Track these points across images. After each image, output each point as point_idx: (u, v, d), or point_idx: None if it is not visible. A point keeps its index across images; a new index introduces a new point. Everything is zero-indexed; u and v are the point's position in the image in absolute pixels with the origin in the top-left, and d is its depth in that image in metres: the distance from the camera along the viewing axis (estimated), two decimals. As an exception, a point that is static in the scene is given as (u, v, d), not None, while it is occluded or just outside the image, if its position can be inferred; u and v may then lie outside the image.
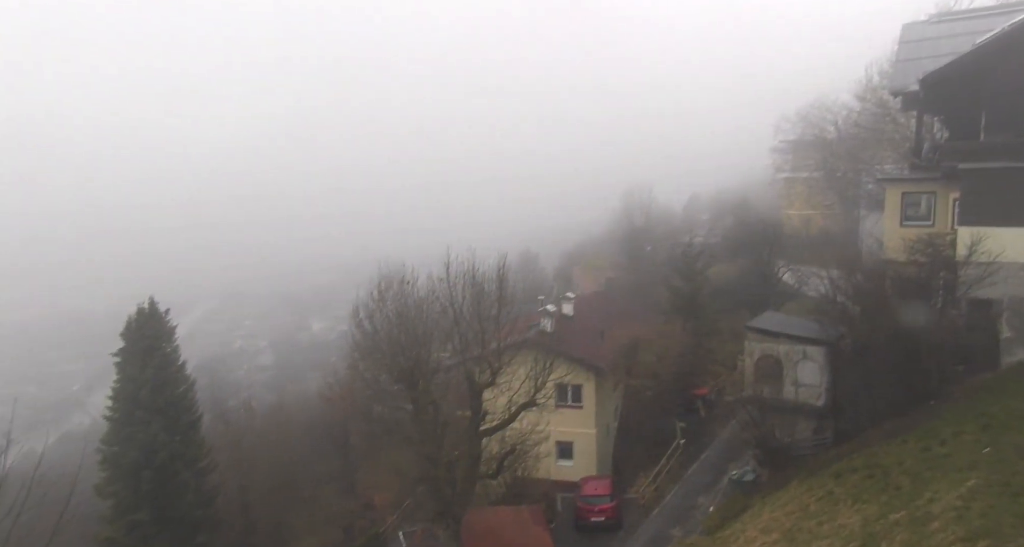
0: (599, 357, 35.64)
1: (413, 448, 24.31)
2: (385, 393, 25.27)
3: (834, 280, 26.93)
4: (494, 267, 25.62)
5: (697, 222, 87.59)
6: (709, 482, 30.86)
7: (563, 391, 33.72)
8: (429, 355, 24.38)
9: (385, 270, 24.45)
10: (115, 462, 30.40)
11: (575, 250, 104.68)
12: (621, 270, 71.73)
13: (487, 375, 24.73)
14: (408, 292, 24.52)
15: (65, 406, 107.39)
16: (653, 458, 33.59)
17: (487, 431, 25.73)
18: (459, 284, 24.52)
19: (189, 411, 33.16)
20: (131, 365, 31.61)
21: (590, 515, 29.70)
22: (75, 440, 44.75)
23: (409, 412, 24.51)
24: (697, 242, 57.01)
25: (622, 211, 77.35)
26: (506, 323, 25.74)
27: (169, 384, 32.27)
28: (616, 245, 78.07)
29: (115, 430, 31.10)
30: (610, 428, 37.73)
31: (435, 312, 24.68)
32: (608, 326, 39.70)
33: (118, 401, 31.57)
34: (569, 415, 34.31)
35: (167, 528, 29.77)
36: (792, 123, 64.69)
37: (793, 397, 27.35)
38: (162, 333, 32.99)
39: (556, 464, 34.50)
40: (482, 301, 24.89)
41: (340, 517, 34.71)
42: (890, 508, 15.26)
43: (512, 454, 27.74)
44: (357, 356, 26.07)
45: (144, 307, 32.77)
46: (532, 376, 25.76)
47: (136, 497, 29.75)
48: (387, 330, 24.18)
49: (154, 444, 30.40)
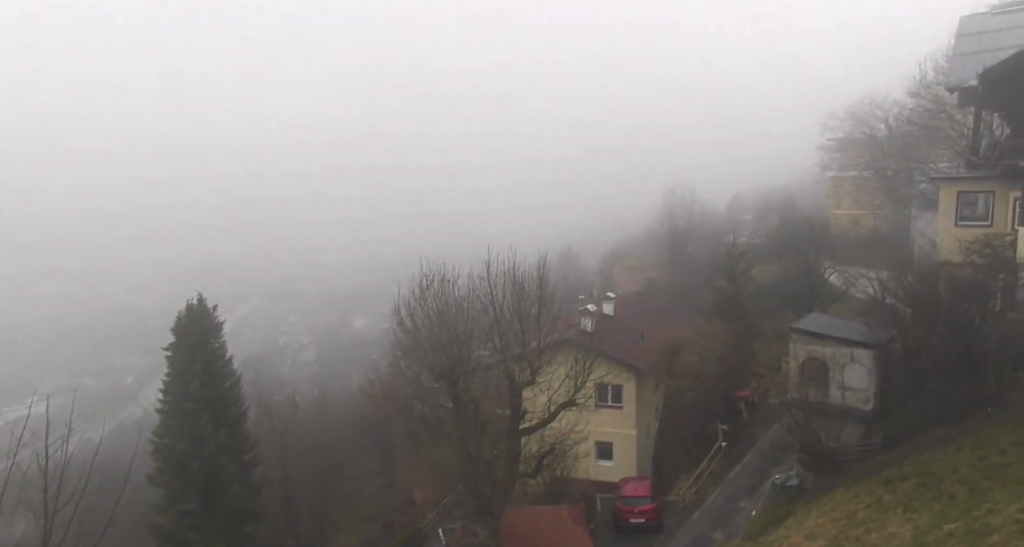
0: (640, 357, 35.34)
1: (453, 446, 24.42)
2: (426, 391, 25.46)
3: (884, 282, 26.24)
4: (535, 266, 25.63)
5: (740, 222, 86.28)
6: (752, 485, 30.36)
7: (603, 391, 33.53)
8: (469, 353, 24.45)
9: (427, 268, 24.61)
10: (166, 453, 31.26)
11: (616, 250, 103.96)
12: (662, 270, 70.99)
13: (527, 374, 24.75)
14: (449, 291, 24.62)
15: (120, 398, 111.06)
16: (694, 460, 33.19)
17: (526, 430, 25.76)
18: (500, 283, 24.58)
19: (236, 405, 33.89)
20: (181, 359, 32.44)
21: (630, 516, 29.47)
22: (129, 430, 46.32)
23: (449, 410, 24.66)
24: (740, 242, 56.14)
25: (664, 210, 76.52)
26: (546, 322, 25.71)
27: (217, 378, 33.02)
28: (657, 245, 77.27)
29: (166, 422, 31.99)
30: (650, 429, 37.39)
31: (476, 311, 24.75)
32: (649, 326, 39.33)
33: (168, 394, 32.46)
34: (609, 415, 34.11)
35: (214, 518, 30.52)
36: (840, 121, 63.25)
37: (840, 401, 26.73)
38: (210, 329, 33.76)
39: (596, 464, 34.32)
40: (523, 300, 24.90)
41: (381, 512, 35.18)
42: (944, 518, 14.79)
43: (551, 453, 27.70)
44: (398, 354, 26.29)
45: (193, 303, 33.59)
46: (572, 376, 25.71)
47: (186, 487, 30.57)
48: (428, 328, 24.34)
49: (202, 436, 31.18)
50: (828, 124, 64.97)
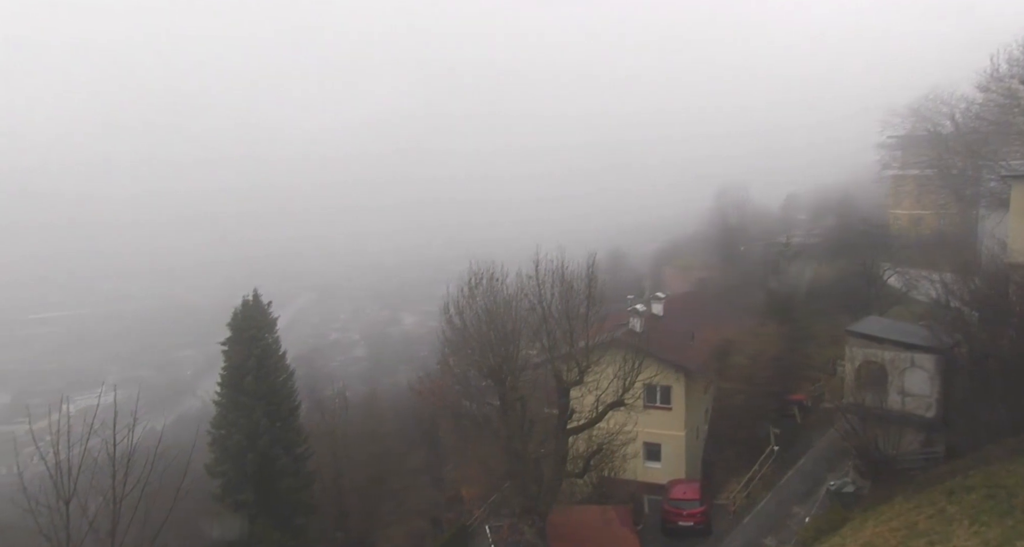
0: (689, 358, 34.85)
1: (500, 444, 24.54)
2: (474, 388, 25.62)
3: (948, 284, 25.28)
4: (583, 265, 25.58)
5: (794, 222, 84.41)
6: (805, 491, 29.64)
7: (652, 392, 33.18)
8: (517, 352, 24.54)
9: (475, 267, 24.76)
10: (222, 444, 32.16)
11: (666, 249, 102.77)
12: (713, 270, 69.90)
13: (575, 373, 24.69)
14: (498, 289, 24.74)
15: (179, 390, 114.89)
16: (745, 464, 32.57)
17: (574, 429, 25.69)
18: (548, 282, 24.62)
19: (288, 399, 34.61)
20: (236, 354, 33.28)
21: (678, 519, 29.10)
22: (188, 422, 47.79)
23: (497, 408, 24.77)
24: (794, 242, 54.80)
25: (715, 210, 75.40)
26: (594, 322, 25.58)
27: (270, 373, 33.78)
28: (708, 245, 76.17)
29: (222, 414, 32.89)
30: (700, 431, 36.84)
31: (524, 309, 24.83)
32: (699, 327, 38.74)
33: (225, 387, 33.35)
34: (657, 416, 33.73)
35: (268, 509, 31.29)
36: (902, 117, 61.12)
37: (899, 407, 25.83)
38: (264, 324, 34.54)
39: (644, 465, 34.00)
40: (571, 299, 24.88)
41: (428, 508, 35.53)
42: (1017, 533, 14.16)
43: (599, 453, 27.57)
44: (447, 351, 26.51)
45: (248, 300, 34.39)
46: (620, 376, 25.54)
47: (241, 478, 31.39)
48: (476, 326, 24.50)
49: (257, 429, 31.96)
50: (889, 121, 62.85)
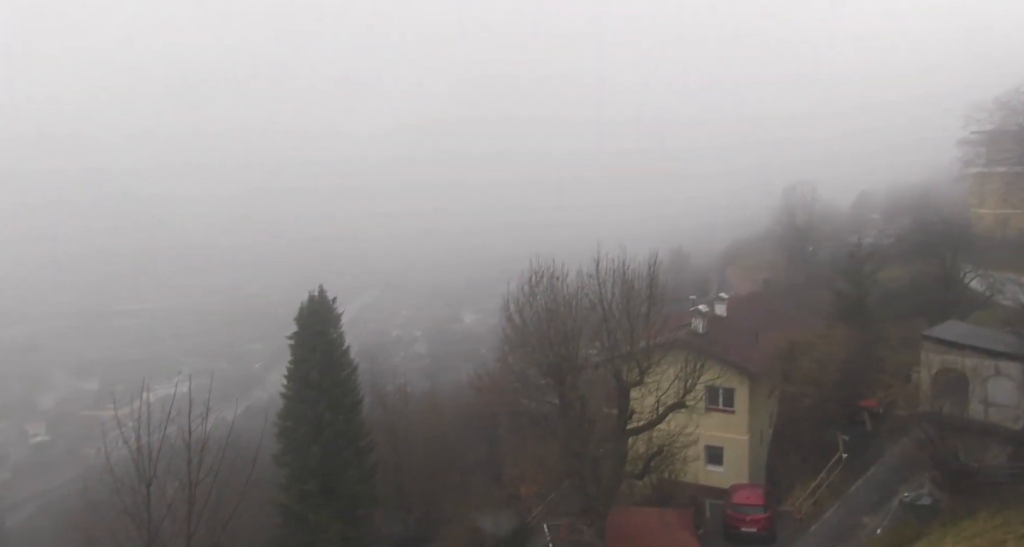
0: (753, 360, 34.01)
1: (559, 443, 24.52)
2: (533, 387, 25.65)
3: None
4: (645, 265, 25.31)
5: (867, 221, 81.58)
6: (876, 501, 28.52)
7: (714, 394, 32.57)
8: (577, 351, 24.48)
9: (536, 265, 24.80)
10: (288, 436, 33.22)
11: (730, 249, 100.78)
12: (779, 271, 68.08)
13: (635, 374, 24.49)
14: (558, 288, 24.72)
15: (249, 382, 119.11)
16: (812, 470, 31.56)
17: (634, 430, 25.46)
18: (609, 281, 24.46)
19: (352, 393, 35.47)
20: (302, 348, 34.31)
21: (740, 524, 28.45)
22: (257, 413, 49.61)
23: (556, 407, 24.77)
24: (866, 242, 52.75)
25: (782, 209, 73.26)
26: (656, 322, 25.27)
27: (335, 367, 34.69)
28: (774, 245, 74.23)
29: (289, 407, 33.97)
30: (764, 435, 35.92)
31: (584, 308, 24.73)
32: (764, 329, 37.73)
33: (291, 380, 34.43)
34: (720, 419, 33.06)
35: (332, 500, 32.15)
36: (988, 112, 57.92)
37: (982, 417, 24.62)
38: (330, 319, 35.48)
39: (705, 469, 33.38)
40: (632, 299, 24.67)
41: (487, 505, 35.74)
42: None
43: (659, 455, 27.22)
44: (507, 349, 26.63)
45: (315, 295, 35.40)
46: (682, 377, 25.21)
47: (306, 469, 32.35)
48: (536, 325, 24.53)
49: (321, 422, 32.89)
50: (973, 116, 59.68)
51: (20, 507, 79.91)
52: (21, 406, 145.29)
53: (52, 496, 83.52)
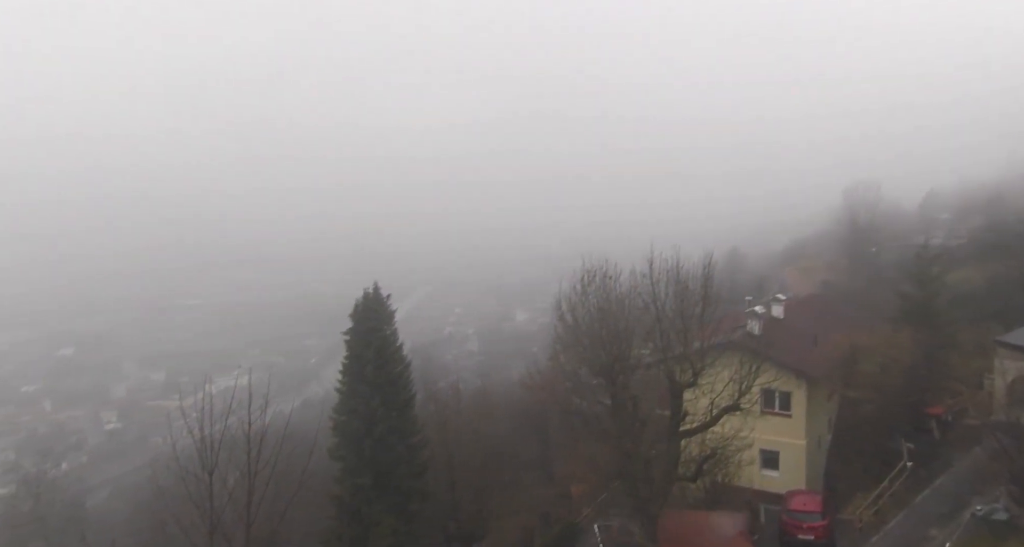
0: (811, 364, 33.09)
1: (610, 443, 24.38)
2: (584, 386, 25.58)
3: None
4: (699, 265, 25.01)
5: (935, 221, 78.44)
6: (945, 514, 27.34)
7: (770, 397, 31.81)
8: (629, 351, 24.32)
9: (588, 264, 24.72)
10: (343, 430, 33.85)
11: (788, 250, 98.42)
12: (839, 272, 66.08)
13: (688, 375, 24.19)
14: (610, 287, 24.60)
15: (305, 376, 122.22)
16: (873, 479, 30.53)
17: (687, 432, 25.13)
18: (662, 281, 24.25)
19: (405, 389, 35.89)
20: (357, 344, 34.88)
21: (797, 532, 27.71)
22: (313, 406, 50.88)
23: (608, 407, 24.64)
24: (934, 243, 50.73)
25: (844, 209, 71.13)
26: (710, 323, 24.95)
27: (388, 363, 35.17)
28: (835, 245, 72.20)
29: (343, 401, 34.61)
30: (822, 441, 34.91)
31: (637, 308, 24.57)
32: (823, 332, 36.67)
33: (346, 375, 35.05)
34: (776, 423, 32.28)
35: (385, 494, 32.63)
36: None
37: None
38: (384, 316, 35.98)
39: (760, 473, 32.65)
40: (686, 299, 24.41)
41: (538, 503, 35.82)
42: None
43: (712, 458, 26.75)
44: (558, 348, 26.61)
45: (369, 292, 35.96)
46: (736, 379, 24.77)
47: (360, 463, 32.91)
48: (588, 324, 24.47)
49: (375, 417, 33.40)
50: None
51: (97, 490, 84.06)
52: (96, 394, 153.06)
53: (124, 481, 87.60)
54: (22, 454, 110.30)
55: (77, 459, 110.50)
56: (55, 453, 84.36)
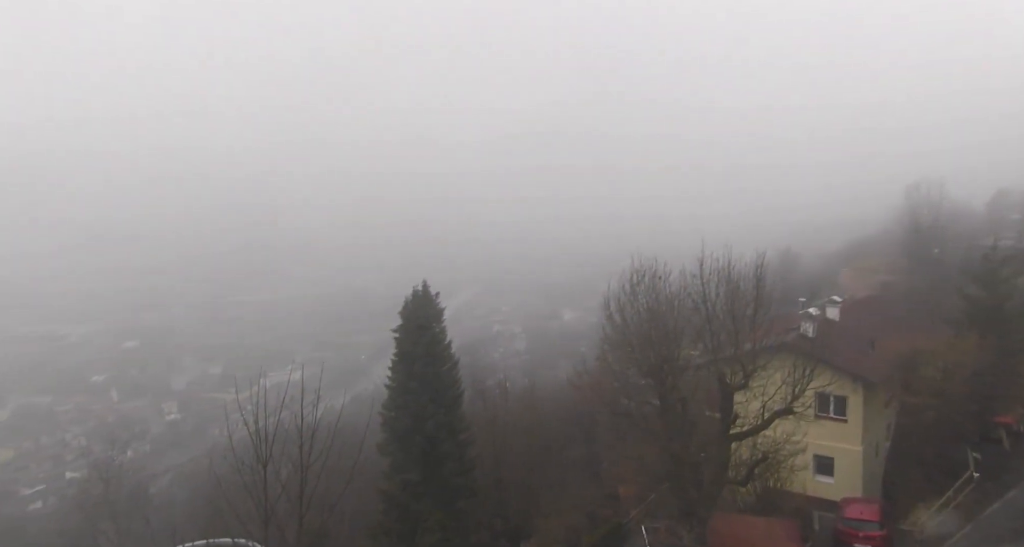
0: (868, 368, 32.08)
1: (659, 444, 24.12)
2: (633, 387, 25.37)
3: None
4: (751, 265, 24.53)
5: (1005, 222, 75.01)
6: (1017, 529, 26.06)
7: (824, 401, 30.95)
8: (679, 352, 24.04)
9: (637, 263, 24.51)
10: (392, 426, 34.35)
11: (844, 250, 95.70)
12: (899, 274, 63.83)
13: (739, 377, 23.78)
14: (660, 287, 24.35)
15: (355, 372, 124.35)
16: (935, 489, 29.38)
17: (737, 435, 24.68)
18: (713, 281, 23.89)
19: (453, 387, 36.22)
20: (406, 341, 35.34)
21: (853, 540, 26.89)
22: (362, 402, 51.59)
23: (656, 408, 24.40)
24: (1004, 244, 48.51)
25: (905, 208, 68.69)
26: (762, 324, 24.46)
27: (437, 360, 35.53)
28: (895, 246, 69.82)
29: (393, 397, 35.10)
30: (880, 448, 33.80)
31: (687, 309, 24.27)
32: (881, 335, 35.50)
33: (395, 372, 35.55)
34: (830, 428, 31.40)
35: (433, 490, 32.99)
36: None
37: None
38: (432, 314, 36.35)
39: (813, 479, 31.82)
40: (737, 300, 24.00)
41: (584, 503, 35.65)
42: None
43: (764, 462, 26.20)
44: (606, 348, 26.45)
45: (419, 290, 36.38)
46: (789, 382, 24.20)
47: (408, 459, 33.37)
48: (637, 324, 24.26)
49: (423, 413, 33.79)
50: None
51: (159, 477, 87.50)
52: (158, 386, 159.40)
53: (183, 469, 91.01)
54: (92, 440, 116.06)
55: (141, 447, 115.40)
56: (121, 441, 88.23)
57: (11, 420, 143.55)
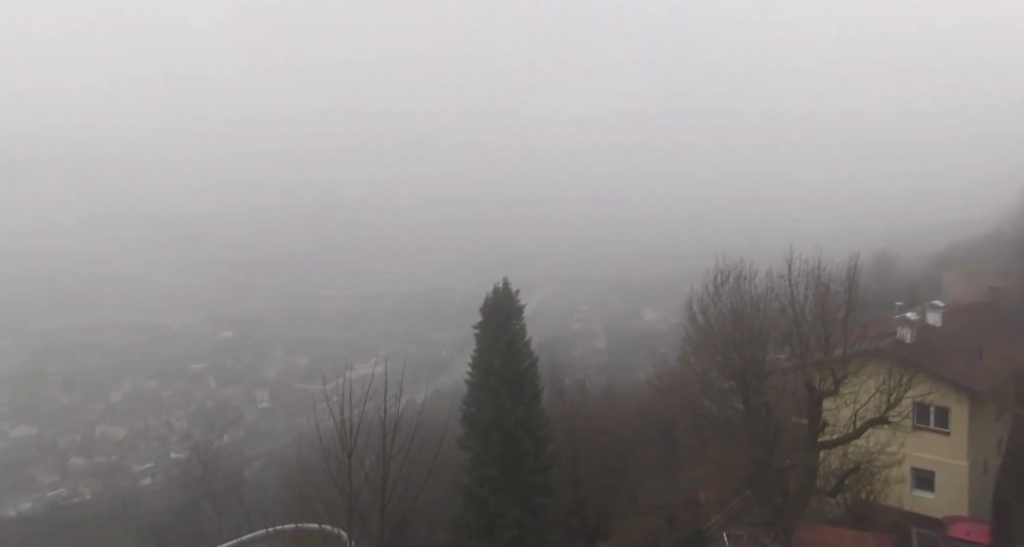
0: (975, 378, 30.02)
1: (742, 449, 23.51)
2: (715, 389, 24.88)
3: None
4: (843, 267, 23.59)
5: None
6: None
7: (924, 412, 29.23)
8: (764, 355, 23.42)
9: (722, 264, 23.98)
10: (471, 421, 34.73)
11: (946, 253, 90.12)
12: (1012, 278, 59.36)
13: (829, 383, 22.90)
14: (745, 288, 23.79)
15: (435, 367, 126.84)
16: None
17: (826, 443, 23.77)
18: (802, 283, 23.16)
19: (532, 384, 36.26)
20: (487, 337, 35.63)
21: (959, 563, 25.31)
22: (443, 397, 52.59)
23: (740, 412, 23.83)
24: None
25: (1019, 208, 63.97)
26: (854, 329, 23.43)
27: (516, 358, 35.67)
28: (1006, 249, 65.12)
29: (472, 393, 35.49)
30: (989, 464, 31.62)
31: (773, 311, 23.65)
32: (990, 343, 33.17)
33: (475, 368, 35.91)
34: (931, 440, 29.60)
35: (511, 486, 33.20)
36: None
37: None
38: (512, 311, 36.50)
39: (911, 494, 30.07)
40: (827, 303, 23.19)
41: (663, 506, 35.07)
42: None
43: (855, 473, 25.04)
44: (688, 349, 26.03)
45: (499, 287, 36.62)
46: (884, 390, 23.10)
47: (487, 454, 33.67)
48: (721, 326, 23.80)
49: (502, 410, 34.00)
50: None
51: (251, 462, 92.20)
52: (251, 374, 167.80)
53: (273, 456, 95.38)
54: (192, 424, 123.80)
55: (236, 433, 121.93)
56: (219, 426, 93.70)
57: (123, 402, 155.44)
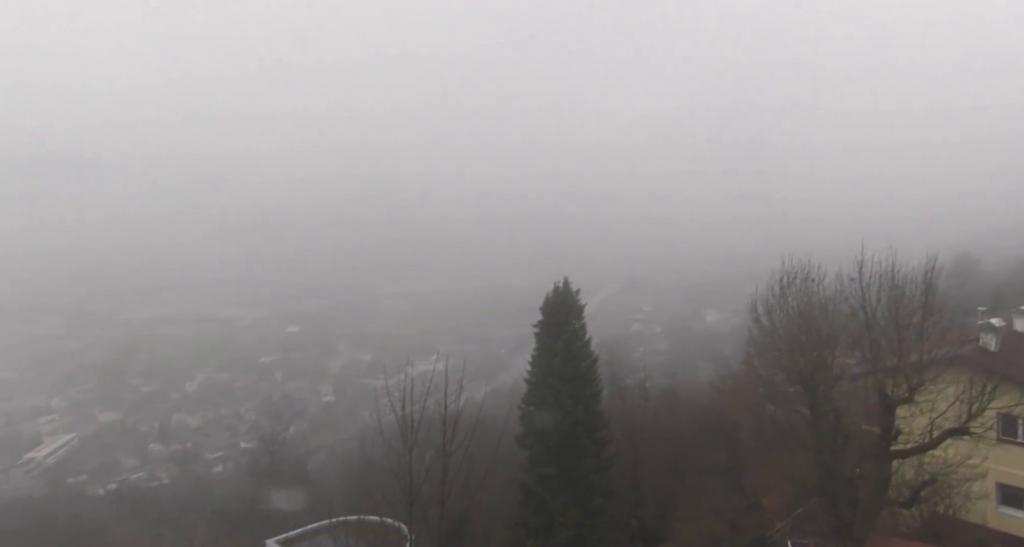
0: (1067, 388, 28.23)
1: (808, 456, 22.79)
2: (780, 393, 24.20)
3: None
4: (919, 269, 22.50)
5: None
6: None
7: (1011, 424, 27.63)
8: (833, 359, 22.61)
9: (788, 265, 23.30)
10: (530, 420, 34.78)
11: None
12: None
13: (903, 389, 21.91)
14: (813, 290, 23.04)
15: (495, 365, 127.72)
16: None
17: (899, 453, 22.76)
18: (874, 285, 22.24)
19: (591, 384, 36.06)
20: (546, 336, 35.61)
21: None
22: (502, 395, 53.01)
23: (806, 417, 23.10)
24: None
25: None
26: (931, 334, 22.31)
27: (576, 357, 35.52)
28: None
29: (531, 392, 35.53)
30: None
31: (843, 314, 22.83)
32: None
33: (535, 367, 35.95)
34: (1019, 455, 27.98)
35: (569, 485, 33.11)
36: None
37: None
38: (573, 310, 36.36)
39: (997, 510, 28.49)
40: (901, 306, 22.19)
41: (724, 511, 34.38)
42: None
43: (932, 484, 23.92)
44: (752, 352, 25.40)
45: (559, 286, 36.55)
46: (965, 399, 21.89)
47: (545, 453, 33.67)
48: (787, 328, 23.12)
49: (561, 409, 33.92)
50: None
51: (315, 454, 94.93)
52: (315, 368, 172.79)
53: (336, 448, 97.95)
54: (260, 415, 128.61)
55: (300, 425, 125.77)
56: (285, 417, 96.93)
57: (197, 392, 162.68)
